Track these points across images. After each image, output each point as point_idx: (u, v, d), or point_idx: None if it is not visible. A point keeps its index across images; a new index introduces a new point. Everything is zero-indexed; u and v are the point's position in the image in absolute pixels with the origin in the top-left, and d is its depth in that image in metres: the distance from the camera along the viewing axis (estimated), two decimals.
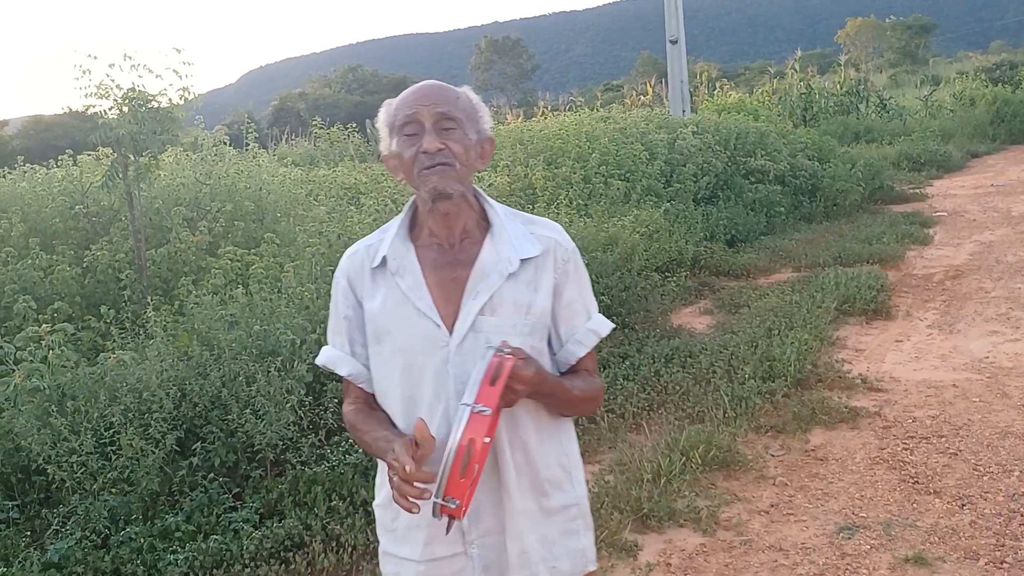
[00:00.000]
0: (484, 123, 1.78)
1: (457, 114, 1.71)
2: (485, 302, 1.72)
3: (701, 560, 3.58)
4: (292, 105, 52.18)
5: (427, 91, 1.73)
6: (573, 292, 1.81)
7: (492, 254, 1.74)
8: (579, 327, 1.83)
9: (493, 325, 1.71)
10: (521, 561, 1.77)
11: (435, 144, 1.67)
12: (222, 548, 3.64)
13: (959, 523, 3.70)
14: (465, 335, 1.71)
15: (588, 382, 1.84)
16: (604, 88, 48.82)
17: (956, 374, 5.52)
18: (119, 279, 6.29)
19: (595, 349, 1.89)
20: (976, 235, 9.85)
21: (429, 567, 1.77)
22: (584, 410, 1.90)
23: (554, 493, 1.81)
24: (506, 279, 1.73)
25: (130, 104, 6.21)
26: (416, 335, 1.72)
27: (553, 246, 1.79)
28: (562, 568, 1.81)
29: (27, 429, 3.99)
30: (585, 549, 1.86)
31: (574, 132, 10.80)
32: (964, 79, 25.75)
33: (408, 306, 1.73)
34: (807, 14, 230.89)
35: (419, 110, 1.69)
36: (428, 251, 1.77)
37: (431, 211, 1.74)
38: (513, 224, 1.79)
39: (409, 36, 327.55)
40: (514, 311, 1.73)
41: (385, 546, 1.87)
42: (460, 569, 1.77)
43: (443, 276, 1.74)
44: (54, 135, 34.18)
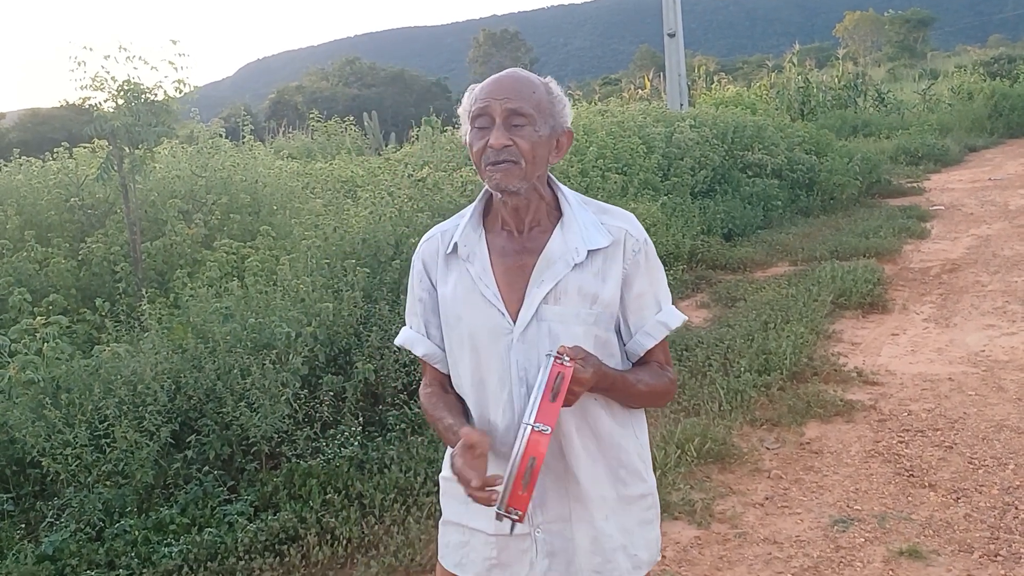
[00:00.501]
0: (561, 116, 1.77)
1: (528, 109, 1.70)
2: (549, 290, 1.73)
3: (696, 552, 3.59)
4: (289, 98, 52.07)
5: (503, 83, 1.73)
6: (644, 283, 1.81)
7: (560, 244, 1.75)
8: (648, 319, 1.82)
9: (557, 314, 1.73)
10: (594, 548, 1.79)
11: (501, 140, 1.68)
12: (216, 541, 3.64)
13: (954, 516, 3.71)
14: (528, 323, 1.74)
15: (656, 375, 1.84)
16: (602, 81, 48.84)
17: (952, 367, 5.52)
18: (114, 272, 6.27)
19: (664, 343, 1.88)
20: (973, 229, 9.86)
21: (500, 540, 1.81)
22: (652, 403, 1.89)
23: (632, 482, 1.84)
24: (572, 268, 1.74)
25: (126, 96, 6.18)
26: (482, 322, 1.76)
27: (624, 237, 1.79)
28: (642, 557, 1.84)
29: (22, 421, 3.98)
30: (658, 539, 1.90)
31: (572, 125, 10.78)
32: (962, 73, 25.79)
33: (476, 293, 1.77)
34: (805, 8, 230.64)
35: (491, 103, 1.70)
36: (498, 238, 1.80)
37: (503, 201, 1.77)
38: (585, 214, 1.80)
39: (407, 29, 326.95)
40: (579, 300, 1.74)
41: (452, 516, 1.90)
42: (527, 548, 1.80)
43: (510, 264, 1.77)
44: (50, 128, 34.08)
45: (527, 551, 1.80)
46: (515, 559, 1.82)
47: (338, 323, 5.06)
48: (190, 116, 8.69)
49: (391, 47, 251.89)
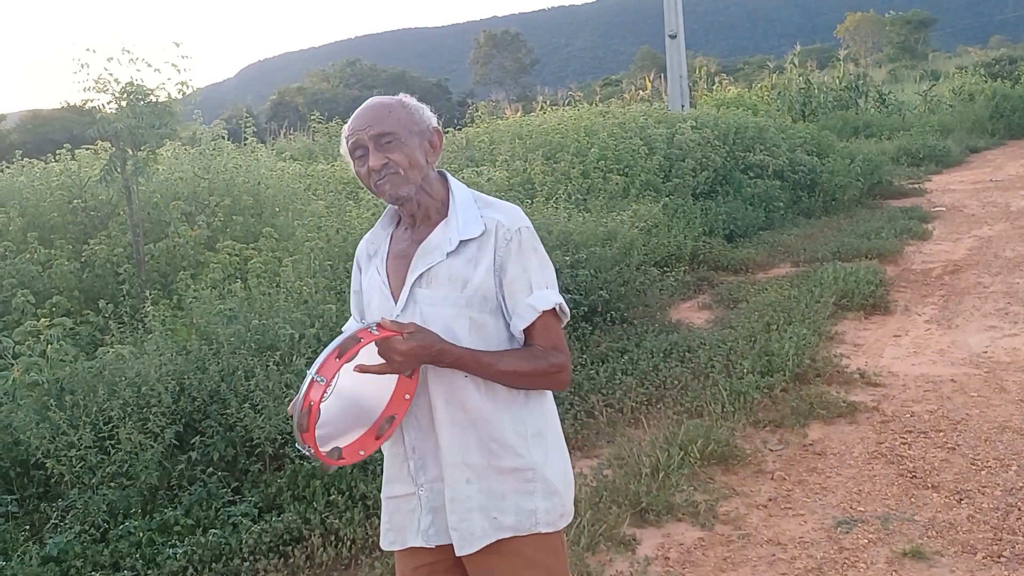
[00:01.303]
0: (423, 122, 2.00)
1: (390, 129, 1.94)
2: (420, 275, 1.96)
3: (699, 554, 3.59)
4: (290, 99, 52.10)
5: (363, 116, 1.97)
6: (516, 269, 1.96)
7: (441, 235, 1.98)
8: (520, 302, 1.97)
9: (427, 297, 1.96)
10: (452, 506, 1.97)
11: (378, 161, 1.93)
12: (221, 542, 3.65)
13: (957, 517, 3.71)
14: (405, 305, 1.97)
15: (531, 358, 1.96)
16: (603, 83, 48.81)
17: (954, 369, 5.53)
18: (117, 273, 6.28)
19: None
20: (975, 230, 9.86)
21: (390, 503, 2.07)
22: (529, 384, 1.99)
23: (504, 455, 1.97)
24: (446, 257, 1.95)
25: (128, 98, 6.19)
26: (377, 306, 2.03)
27: (495, 227, 1.96)
28: (504, 521, 1.97)
29: (26, 423, 3.99)
30: (537, 511, 1.99)
31: (573, 127, 10.79)
32: (963, 74, 25.73)
33: (376, 281, 2.04)
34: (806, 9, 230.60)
35: (359, 135, 1.96)
36: (401, 234, 2.07)
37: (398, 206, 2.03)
38: (469, 209, 2.00)
39: (407, 30, 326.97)
40: (448, 285, 1.95)
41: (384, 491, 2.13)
42: (413, 508, 2.03)
43: (397, 255, 2.04)
44: (52, 129, 34.09)
45: (414, 510, 2.02)
46: (406, 519, 2.04)
47: (341, 324, 5.06)
48: (192, 118, 8.70)
49: (392, 48, 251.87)
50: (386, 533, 2.09)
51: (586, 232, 7.11)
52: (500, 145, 10.69)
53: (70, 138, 10.62)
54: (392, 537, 2.07)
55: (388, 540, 2.08)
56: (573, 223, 7.28)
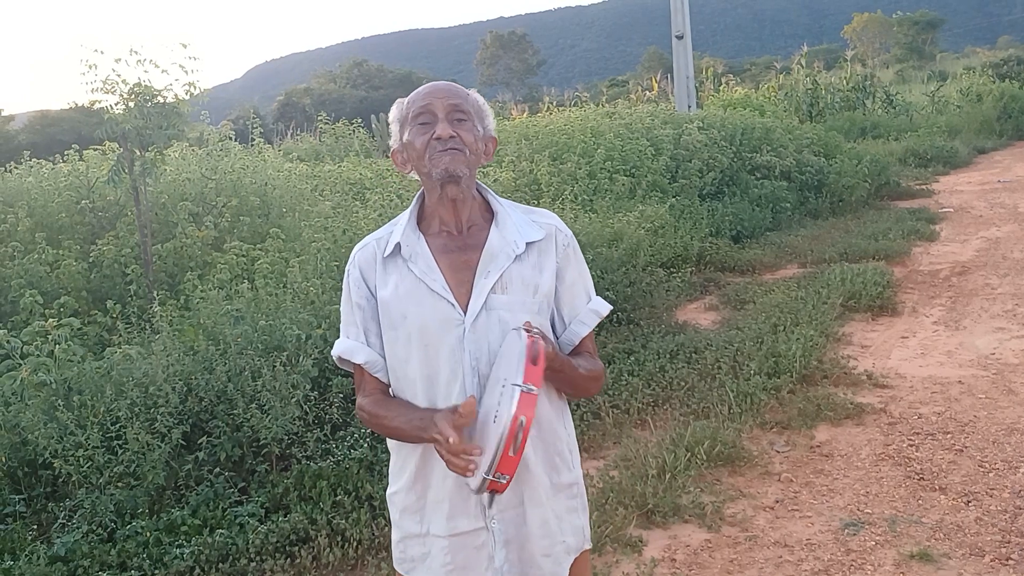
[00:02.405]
0: (490, 123, 1.90)
1: (468, 107, 1.83)
2: (496, 280, 1.81)
3: (706, 556, 3.58)
4: (297, 100, 52.20)
5: (442, 86, 1.85)
6: (574, 274, 1.92)
7: (499, 238, 1.84)
8: (581, 308, 1.93)
9: (505, 303, 1.80)
10: (543, 531, 1.85)
11: (448, 131, 1.78)
12: (228, 542, 3.65)
13: (964, 520, 3.70)
14: (478, 313, 1.79)
15: (591, 362, 1.92)
16: (609, 83, 48.81)
17: (962, 370, 5.51)
18: (125, 274, 6.30)
19: (595, 333, 1.98)
20: (983, 231, 9.82)
21: (454, 541, 1.84)
22: (588, 389, 1.96)
23: (563, 469, 1.90)
24: (513, 260, 1.83)
25: (136, 99, 6.21)
26: (431, 316, 1.80)
27: (554, 231, 1.90)
28: (570, 543, 1.90)
29: (34, 423, 4.00)
30: (584, 527, 1.96)
31: (579, 127, 10.78)
32: (971, 75, 25.68)
33: (422, 289, 1.81)
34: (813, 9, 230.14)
35: (433, 102, 1.81)
36: (437, 239, 1.86)
37: (439, 198, 1.83)
38: (515, 213, 1.91)
39: (414, 31, 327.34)
40: (523, 290, 1.83)
41: (410, 529, 1.90)
42: (483, 543, 1.83)
43: (454, 259, 1.83)
44: (60, 130, 34.23)
45: (483, 546, 1.83)
46: (471, 558, 1.84)
47: None
48: (200, 118, 8.72)
49: (399, 49, 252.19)
50: (440, 573, 1.86)
51: (592, 233, 7.11)
52: (506, 146, 10.69)
53: (78, 139, 10.67)
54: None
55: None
56: (579, 224, 7.28)
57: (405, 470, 1.89)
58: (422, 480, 1.86)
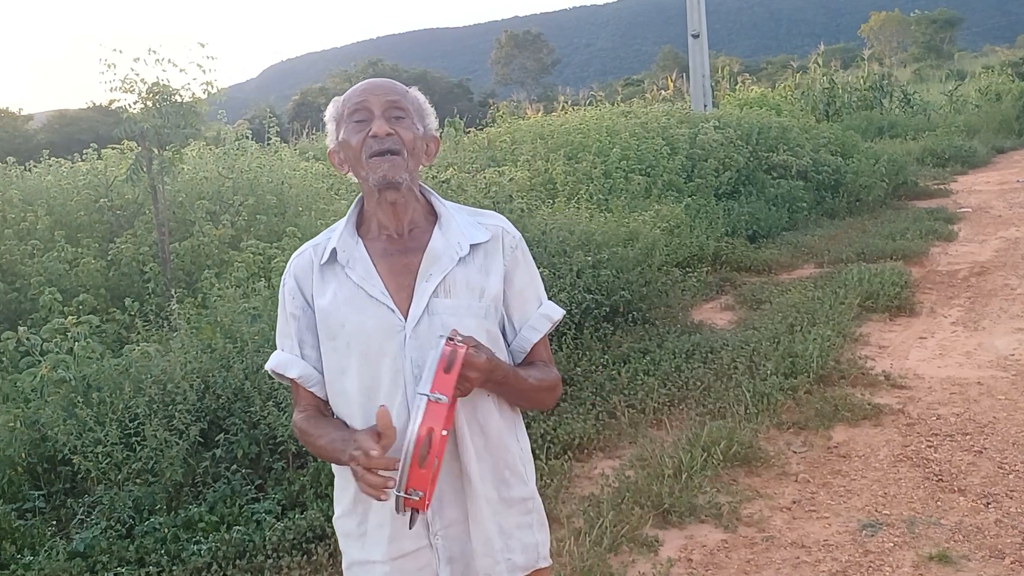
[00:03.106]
0: (431, 122, 1.81)
1: (406, 105, 1.75)
2: (438, 284, 1.72)
3: (722, 556, 3.57)
4: (313, 100, 52.32)
5: (378, 82, 1.76)
6: (524, 279, 1.83)
7: (442, 240, 1.75)
8: (532, 313, 1.83)
9: (448, 307, 1.71)
10: (485, 549, 1.75)
11: (385, 128, 1.68)
12: (245, 539, 3.67)
13: (984, 521, 3.67)
14: (420, 318, 1.70)
15: (544, 372, 1.83)
16: (625, 83, 48.68)
17: (981, 371, 5.46)
18: (143, 272, 6.35)
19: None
20: (1001, 231, 9.74)
21: (395, 565, 1.75)
22: (542, 401, 1.87)
23: (514, 483, 1.81)
24: (457, 263, 1.74)
25: (154, 98, 6.26)
26: (371, 323, 1.70)
27: (500, 233, 1.81)
28: (516, 561, 1.80)
29: (53, 420, 4.04)
30: (539, 544, 1.85)
31: (594, 127, 10.77)
32: (990, 73, 25.45)
33: (361, 295, 1.72)
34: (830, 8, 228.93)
35: (368, 98, 1.72)
36: (377, 243, 1.77)
37: (379, 202, 1.74)
38: (460, 215, 1.81)
39: (429, 30, 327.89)
40: (468, 293, 1.73)
41: (353, 556, 1.83)
42: (426, 563, 1.75)
43: (394, 263, 1.74)
44: (78, 129, 34.48)
45: (426, 566, 1.75)
46: None
47: None
48: (217, 118, 8.77)
49: (414, 48, 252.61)
50: None
51: (608, 232, 7.10)
52: (522, 145, 10.69)
53: (96, 138, 10.75)
54: None
55: None
56: (595, 223, 7.27)
57: (346, 492, 1.80)
58: (363, 503, 1.75)
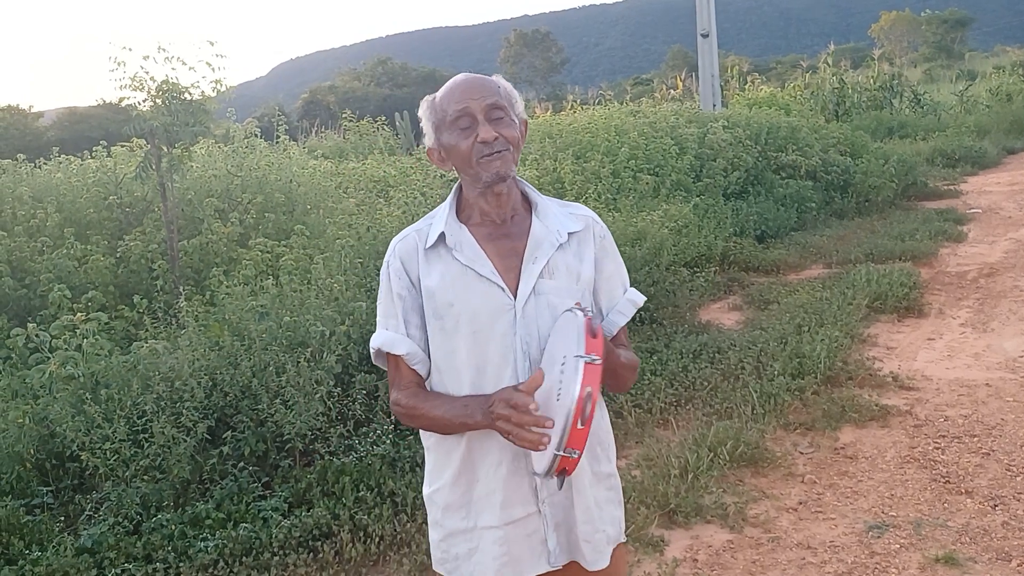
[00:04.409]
0: (520, 107, 1.89)
1: (503, 103, 1.82)
2: (543, 266, 1.83)
3: (728, 557, 3.57)
4: (322, 98, 52.39)
5: (473, 84, 1.83)
6: (612, 266, 1.96)
7: (542, 227, 1.86)
8: (618, 298, 1.97)
9: (552, 288, 1.82)
10: (586, 516, 1.85)
11: (492, 133, 1.77)
12: (251, 536, 3.68)
13: (991, 524, 3.66)
14: (528, 298, 1.80)
15: (629, 353, 1.93)
16: (634, 82, 48.68)
17: (989, 373, 5.44)
18: (152, 269, 6.37)
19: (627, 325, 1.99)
20: (1011, 232, 9.69)
21: (508, 530, 1.82)
22: (628, 380, 1.94)
23: (603, 459, 1.92)
24: (557, 248, 1.85)
25: (163, 96, 6.28)
26: (481, 302, 1.80)
27: (591, 223, 1.94)
28: (609, 532, 1.91)
29: (62, 416, 4.06)
30: (621, 519, 1.96)
31: (603, 126, 10.76)
32: (1001, 74, 25.32)
33: (470, 276, 1.81)
34: (840, 8, 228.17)
35: (470, 104, 1.79)
36: (480, 229, 1.86)
37: (484, 193, 1.83)
38: (553, 205, 1.93)
39: (438, 29, 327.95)
40: (568, 277, 1.85)
41: (454, 525, 1.88)
42: (535, 529, 1.83)
43: (500, 246, 1.84)
44: (88, 127, 34.55)
45: (535, 532, 1.83)
46: (524, 546, 1.83)
47: (371, 322, 5.10)
48: (226, 115, 8.80)
49: (423, 47, 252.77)
50: (499, 571, 1.83)
51: (616, 232, 7.09)
52: (530, 144, 10.68)
53: (106, 135, 10.80)
54: (509, 572, 1.83)
55: (498, 571, 1.82)
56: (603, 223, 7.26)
57: (448, 466, 1.86)
58: (468, 474, 1.84)
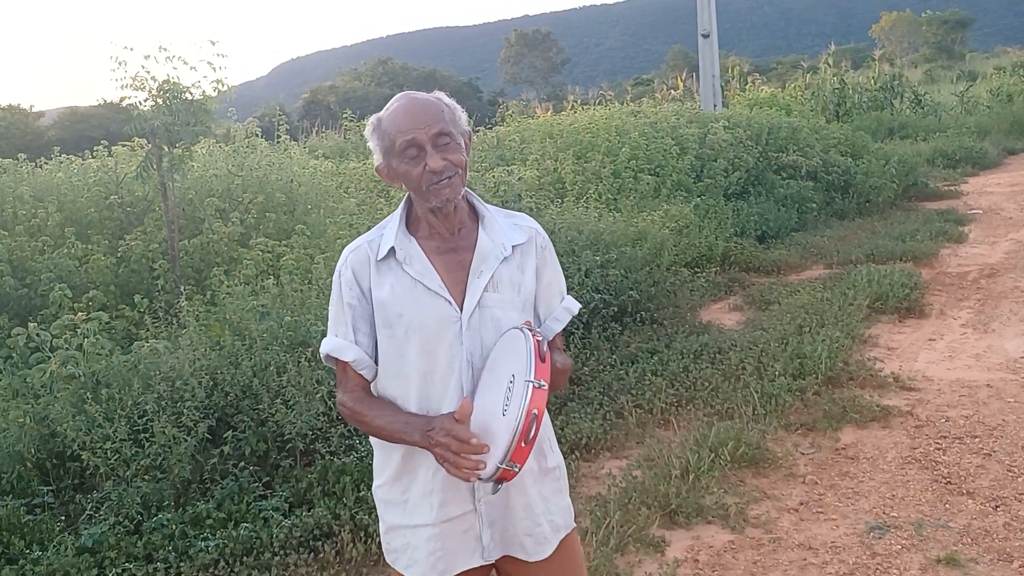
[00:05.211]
0: (463, 122, 1.95)
1: (449, 128, 1.88)
2: (488, 280, 1.92)
3: (729, 557, 3.57)
4: (322, 98, 52.44)
5: (417, 112, 1.87)
6: (551, 275, 2.07)
7: (488, 241, 1.95)
8: (556, 306, 2.08)
9: (496, 301, 1.93)
10: (526, 513, 1.97)
11: (439, 163, 1.84)
12: (252, 536, 3.68)
13: (992, 524, 3.66)
14: (473, 311, 1.90)
15: (564, 357, 2.04)
16: (634, 82, 48.67)
17: (990, 374, 5.44)
18: (153, 269, 6.37)
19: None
20: (1012, 233, 9.69)
21: (443, 528, 1.93)
22: (561, 383, 2.03)
23: (548, 454, 2.05)
24: (501, 262, 1.95)
25: (164, 96, 6.27)
26: (430, 314, 1.89)
27: (533, 235, 2.03)
28: (557, 521, 2.04)
29: (63, 415, 4.06)
30: (569, 507, 2.10)
31: (604, 126, 10.76)
32: (1001, 74, 25.35)
33: (419, 289, 1.90)
34: (841, 8, 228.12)
35: (416, 135, 1.85)
36: (429, 242, 1.95)
37: (432, 211, 1.91)
38: (499, 217, 2.02)
39: (439, 29, 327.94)
40: (511, 289, 1.95)
41: (393, 521, 2.00)
42: (470, 526, 1.95)
43: (448, 260, 1.93)
44: (89, 126, 34.60)
45: (470, 528, 1.94)
46: (459, 542, 1.95)
47: None
48: (227, 115, 8.80)
49: (423, 47, 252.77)
50: (434, 565, 1.94)
51: (616, 232, 7.09)
52: (531, 144, 10.69)
53: (107, 135, 10.79)
54: (443, 567, 1.94)
55: (431, 566, 1.94)
56: (603, 223, 7.26)
57: (388, 465, 1.98)
58: (407, 475, 1.95)
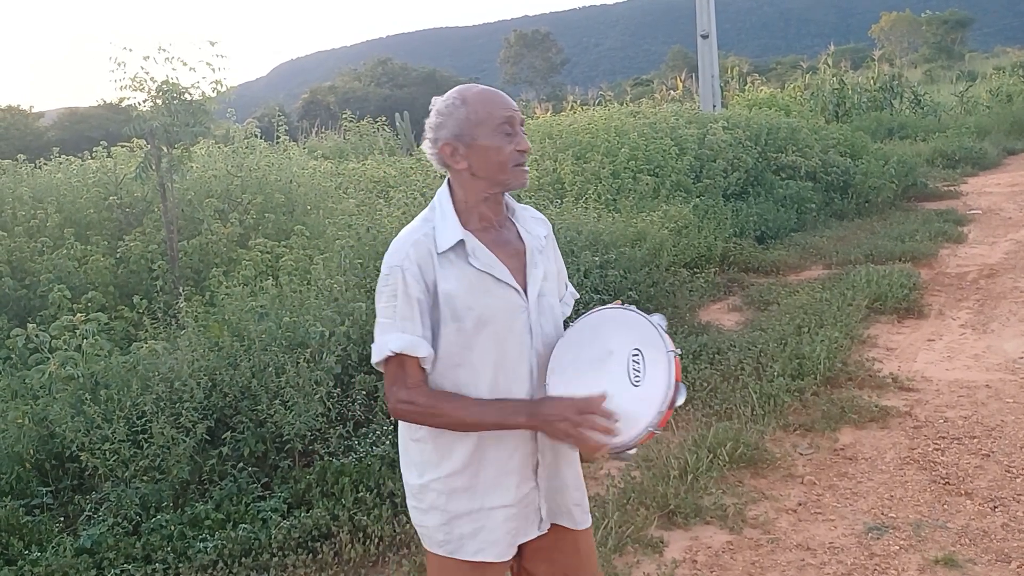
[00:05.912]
0: None
1: None
2: (543, 269, 2.06)
3: (727, 558, 3.57)
4: (322, 98, 52.41)
5: (507, 97, 2.01)
6: (560, 262, 2.20)
7: (527, 234, 2.07)
8: (564, 292, 2.21)
9: (549, 289, 2.08)
10: (576, 483, 2.11)
11: (528, 144, 1.99)
12: (251, 537, 3.68)
13: (991, 525, 3.66)
14: (536, 299, 2.02)
15: None
16: (633, 82, 48.67)
17: (989, 374, 5.44)
18: (152, 270, 6.37)
19: None
20: (1011, 234, 9.69)
21: (518, 507, 2.02)
22: None
23: None
24: (541, 253, 2.07)
25: (164, 96, 6.28)
26: (500, 304, 1.96)
27: (549, 225, 2.18)
28: (584, 507, 2.14)
29: (61, 416, 4.06)
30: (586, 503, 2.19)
31: (603, 127, 10.76)
32: (1001, 75, 25.34)
33: (488, 280, 1.95)
34: (840, 8, 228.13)
35: (515, 114, 1.98)
36: (484, 234, 2.00)
37: (488, 199, 2.00)
38: (524, 210, 2.14)
39: (439, 30, 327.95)
40: (552, 277, 2.11)
41: (460, 508, 2.00)
42: (532, 500, 2.05)
43: (504, 252, 2.00)
44: (88, 127, 34.58)
45: (531, 503, 2.04)
46: (525, 516, 2.04)
47: (371, 322, 5.09)
48: (226, 116, 8.80)
49: (423, 48, 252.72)
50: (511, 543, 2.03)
51: (616, 232, 7.09)
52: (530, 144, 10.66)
53: (106, 136, 10.79)
54: (510, 540, 2.03)
55: (506, 544, 2.02)
56: (603, 223, 7.26)
57: (452, 455, 1.98)
58: (476, 462, 1.98)
